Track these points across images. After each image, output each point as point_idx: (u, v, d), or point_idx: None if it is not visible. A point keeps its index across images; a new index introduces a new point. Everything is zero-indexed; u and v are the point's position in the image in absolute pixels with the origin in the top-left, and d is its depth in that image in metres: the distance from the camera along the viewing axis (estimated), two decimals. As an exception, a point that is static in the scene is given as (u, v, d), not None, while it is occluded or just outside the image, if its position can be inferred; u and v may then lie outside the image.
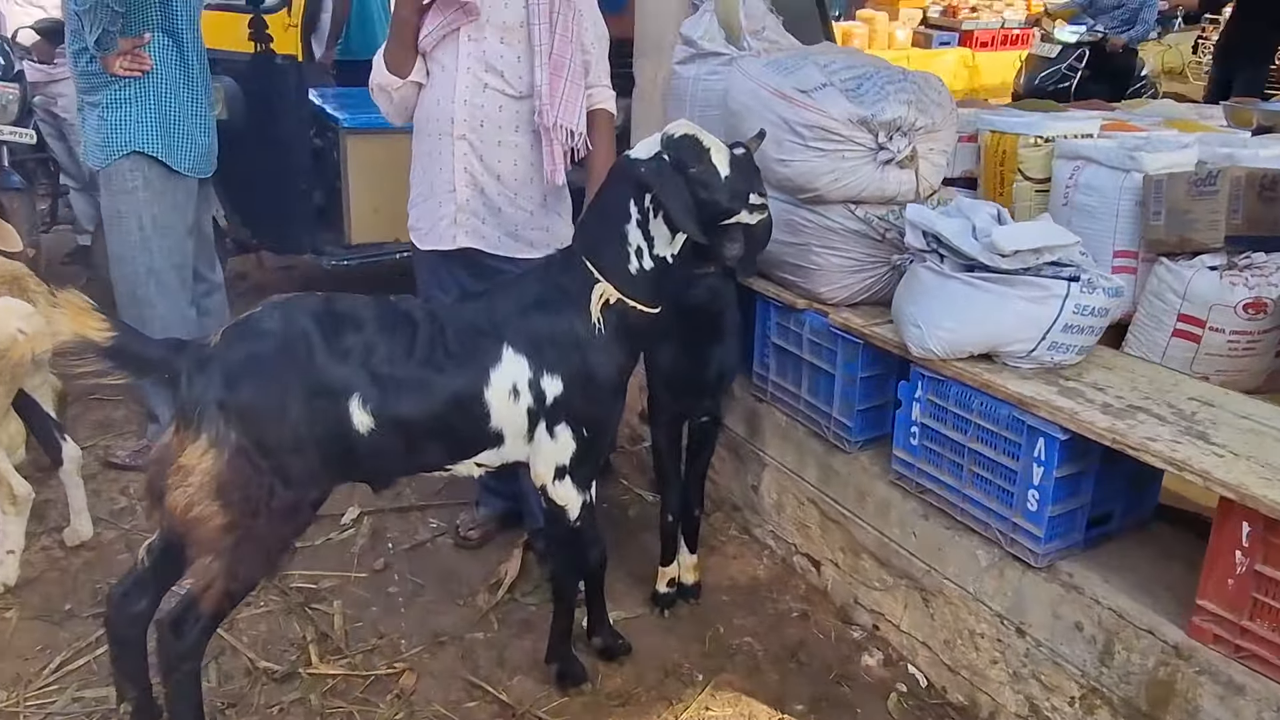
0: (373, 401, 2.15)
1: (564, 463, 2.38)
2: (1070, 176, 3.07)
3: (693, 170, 2.25)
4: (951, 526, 2.59)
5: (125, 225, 3.32)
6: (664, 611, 3.00)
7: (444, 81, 2.72)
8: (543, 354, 2.28)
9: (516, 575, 3.14)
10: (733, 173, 2.30)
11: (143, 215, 3.31)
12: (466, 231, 2.81)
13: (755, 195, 2.33)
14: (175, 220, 3.39)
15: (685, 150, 2.26)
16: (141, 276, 3.36)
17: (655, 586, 3.03)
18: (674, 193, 2.21)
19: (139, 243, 3.33)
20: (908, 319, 2.59)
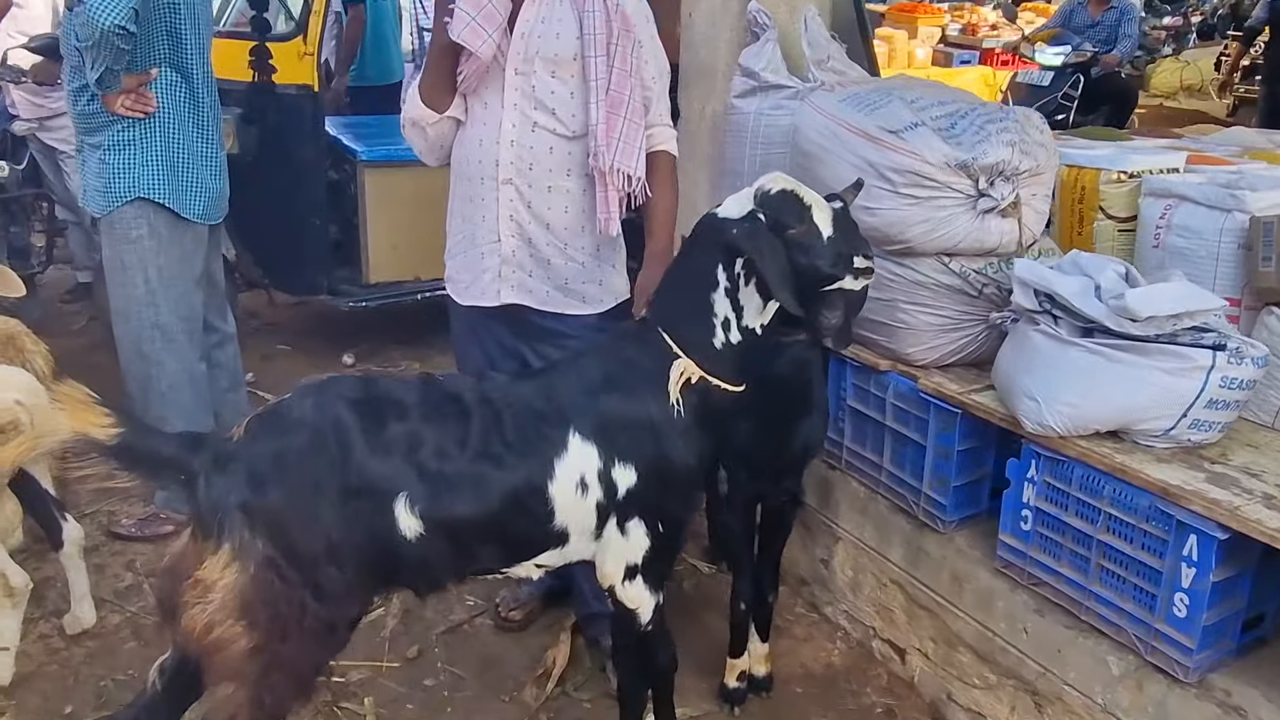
0: (421, 502, 1.85)
1: (636, 562, 2.08)
2: (1162, 216, 2.77)
3: (792, 231, 1.96)
4: (1074, 626, 2.28)
5: (129, 278, 3.02)
6: (734, 708, 2.69)
7: (487, 119, 2.41)
8: (614, 441, 1.98)
9: (566, 664, 2.82)
10: (836, 233, 2.00)
11: (149, 267, 3.01)
12: (512, 286, 2.50)
13: (860, 258, 2.03)
14: (184, 271, 3.09)
15: (784, 208, 1.97)
16: (148, 332, 3.06)
17: (724, 680, 2.72)
18: (771, 258, 1.91)
19: (144, 296, 3.03)
20: (1020, 390, 2.28)
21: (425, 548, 1.87)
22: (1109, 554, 2.18)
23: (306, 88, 4.42)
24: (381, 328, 5.29)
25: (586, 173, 2.44)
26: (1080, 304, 2.21)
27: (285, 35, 4.42)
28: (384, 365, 5.01)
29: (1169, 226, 2.74)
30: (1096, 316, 2.19)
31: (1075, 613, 2.28)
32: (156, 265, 3.02)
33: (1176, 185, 2.75)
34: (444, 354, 5.18)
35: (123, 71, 2.85)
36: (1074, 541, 2.26)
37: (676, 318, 2.02)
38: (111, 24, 2.66)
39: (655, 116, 2.52)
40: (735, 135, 3.14)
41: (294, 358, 5.15)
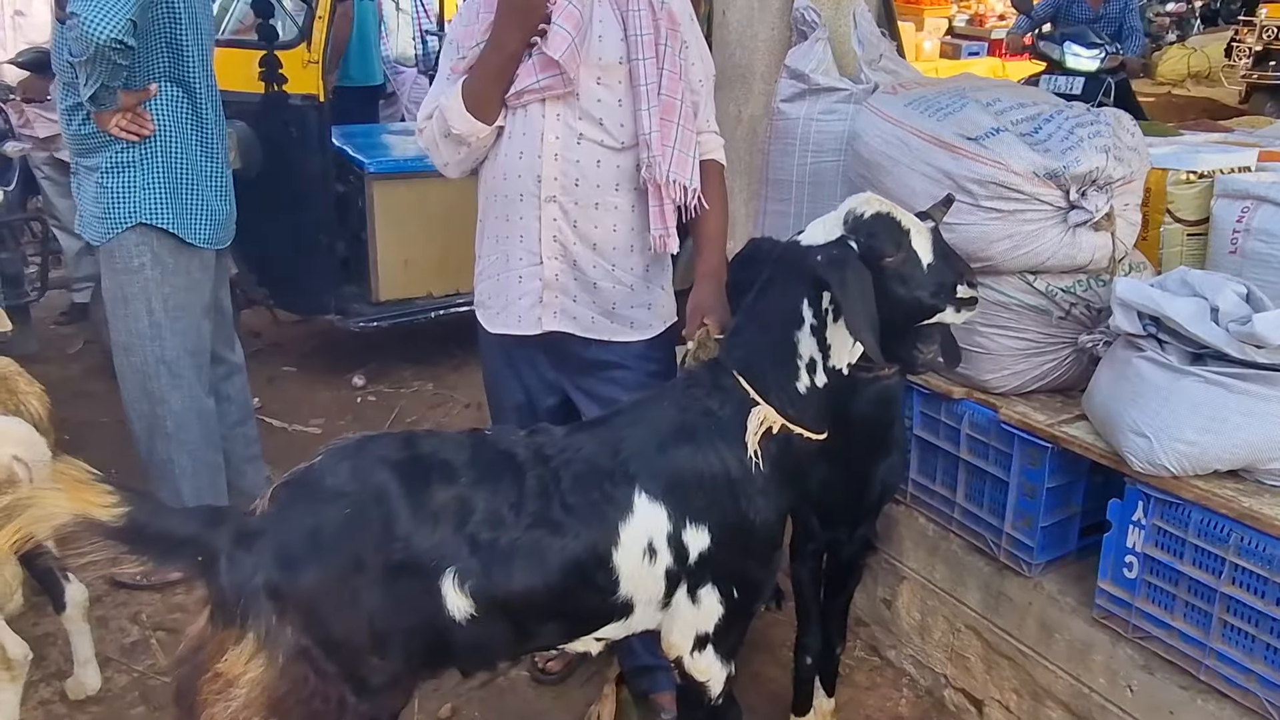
0: (472, 578, 1.63)
1: (707, 631, 1.85)
2: (1240, 219, 2.54)
3: (889, 260, 1.72)
4: (1190, 686, 2.05)
5: (132, 309, 2.78)
6: None
7: (527, 130, 2.16)
8: (686, 500, 1.75)
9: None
10: (937, 260, 1.77)
11: (152, 298, 2.77)
12: (555, 313, 2.25)
13: (964, 286, 1.80)
14: (191, 301, 2.85)
15: (879, 233, 1.73)
16: (153, 368, 2.81)
17: None
18: (857, 292, 1.68)
19: (149, 330, 2.79)
20: (1126, 424, 2.05)
21: (477, 629, 1.65)
22: (1235, 609, 1.95)
23: (312, 97, 4.18)
24: (392, 347, 5.04)
25: (636, 186, 2.20)
26: (1194, 328, 1.98)
27: (289, 43, 4.17)
28: (395, 387, 4.77)
29: (1248, 231, 2.51)
30: (1214, 342, 1.96)
31: (1192, 672, 2.05)
32: (161, 296, 2.77)
33: (1254, 186, 2.52)
34: (458, 373, 4.95)
35: (120, 88, 2.60)
36: (1191, 593, 2.03)
37: (754, 359, 1.79)
38: (108, 38, 2.41)
39: (703, 122, 2.29)
40: (782, 142, 2.90)
41: (300, 380, 4.91)
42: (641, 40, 2.12)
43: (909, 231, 1.75)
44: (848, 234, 1.74)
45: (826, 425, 1.85)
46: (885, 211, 1.75)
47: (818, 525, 2.27)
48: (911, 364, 1.86)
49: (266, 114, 4.07)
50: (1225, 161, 2.82)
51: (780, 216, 2.98)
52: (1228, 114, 8.75)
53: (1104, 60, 6.76)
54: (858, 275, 1.69)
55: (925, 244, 1.77)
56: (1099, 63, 6.75)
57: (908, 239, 1.74)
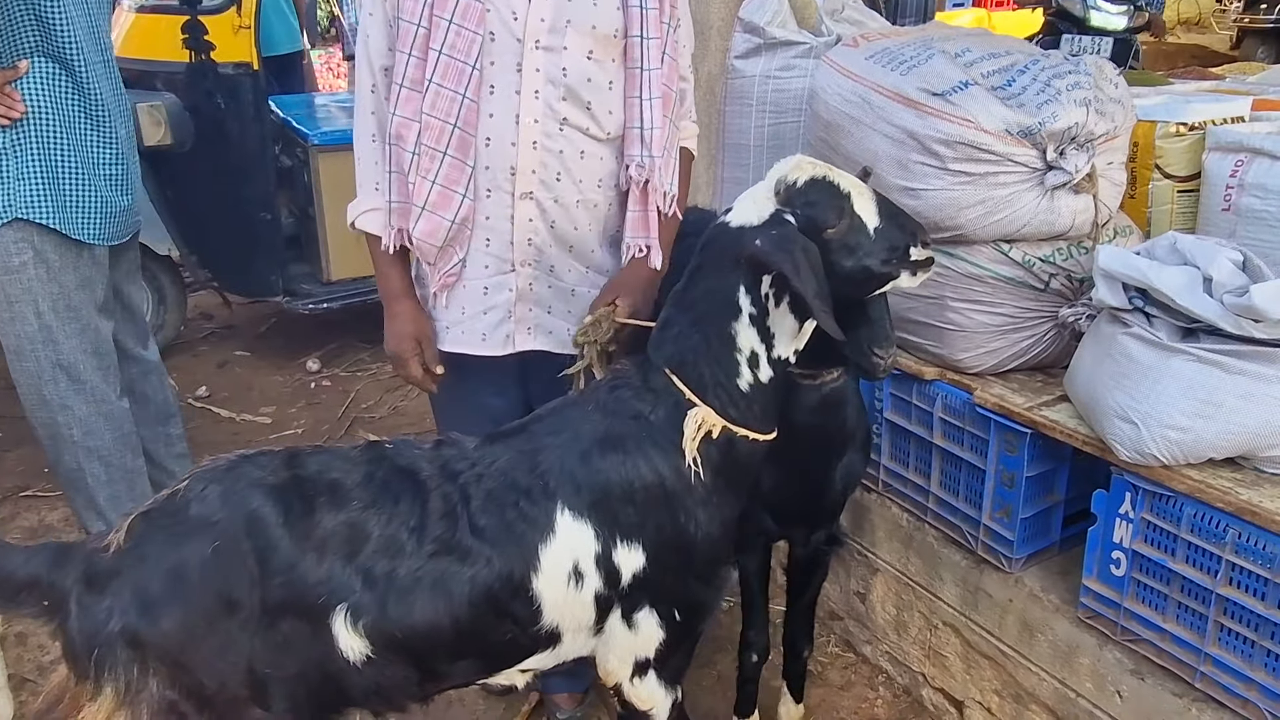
0: (367, 615, 1.43)
1: (647, 656, 1.66)
2: (1232, 174, 2.33)
3: (831, 230, 1.51)
4: (1185, 694, 1.87)
5: (18, 313, 2.51)
6: None
7: (497, 111, 1.79)
8: (615, 516, 1.55)
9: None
10: (884, 223, 1.56)
11: (39, 299, 2.50)
12: (530, 328, 1.95)
13: (918, 248, 1.59)
14: (83, 300, 2.57)
15: (817, 202, 1.51)
16: (48, 374, 2.56)
17: None
18: (808, 272, 1.46)
19: (39, 334, 2.53)
20: (1111, 409, 1.85)
21: (375, 672, 1.46)
22: (1234, 612, 1.76)
23: (245, 65, 3.92)
24: (348, 328, 4.82)
25: (616, 184, 1.94)
26: (1186, 301, 1.77)
27: (216, 8, 3.90)
28: (351, 370, 4.55)
29: (1242, 186, 2.30)
30: (1208, 316, 1.75)
31: (1187, 678, 1.87)
32: (49, 296, 2.51)
33: (1249, 138, 2.30)
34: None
35: None
36: (1185, 593, 1.84)
37: (688, 355, 1.57)
38: None
39: (686, 109, 2.05)
40: (738, 102, 2.68)
41: (253, 364, 4.69)
42: (646, 15, 1.82)
43: (849, 195, 1.53)
44: (782, 207, 1.52)
45: (775, 423, 1.64)
46: (821, 175, 1.53)
47: (769, 520, 2.06)
48: (871, 371, 1.64)
49: (193, 85, 3.81)
50: (1218, 112, 2.60)
51: (738, 184, 2.75)
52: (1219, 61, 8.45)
53: (1132, 18, 6.16)
54: (807, 255, 1.47)
55: (869, 206, 1.55)
56: (1127, 20, 6.15)
57: (849, 203, 1.52)
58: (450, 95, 1.74)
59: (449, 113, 1.74)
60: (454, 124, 1.75)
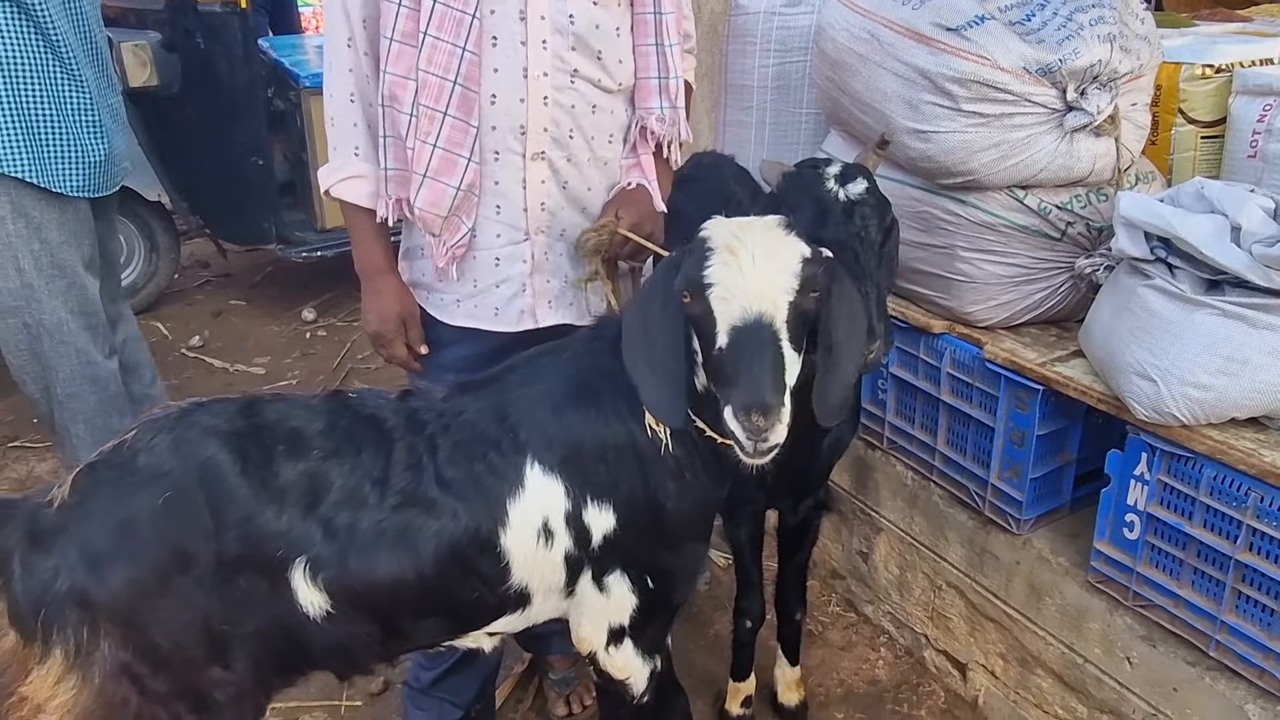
0: (327, 569, 1.36)
1: (621, 623, 1.59)
2: (1260, 119, 2.22)
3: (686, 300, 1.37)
4: (1198, 662, 1.79)
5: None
6: None
7: (502, 66, 1.62)
8: (587, 474, 1.46)
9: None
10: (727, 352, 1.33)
11: (20, 255, 2.40)
12: (549, 301, 1.78)
13: (730, 411, 1.29)
14: (67, 255, 2.48)
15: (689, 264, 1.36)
16: (33, 331, 2.48)
17: (725, 706, 2.27)
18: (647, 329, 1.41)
19: (20, 290, 2.43)
20: (1129, 365, 1.75)
21: (336, 629, 1.39)
22: (1255, 580, 1.68)
23: (232, 4, 3.77)
24: (344, 277, 4.70)
25: (624, 139, 1.79)
26: (1212, 251, 1.67)
27: (202, -59, 3.75)
28: (349, 320, 4.47)
29: (1269, 131, 2.20)
30: (1234, 267, 1.65)
31: (1200, 646, 1.79)
32: (30, 253, 2.41)
33: (1278, 80, 2.18)
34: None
35: None
36: (1201, 559, 1.75)
37: None
38: None
39: (690, 45, 1.91)
40: (741, 41, 2.55)
41: (248, 314, 4.61)
42: None
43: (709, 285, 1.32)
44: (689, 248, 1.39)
45: None
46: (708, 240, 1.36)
47: (758, 494, 1.98)
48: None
49: (174, 24, 3.68)
50: (1245, 54, 2.46)
51: (742, 127, 2.63)
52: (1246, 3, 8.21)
53: None
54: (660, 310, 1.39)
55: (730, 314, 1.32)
56: None
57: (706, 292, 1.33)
58: (449, 48, 1.57)
59: (448, 68, 1.58)
60: (454, 80, 1.58)
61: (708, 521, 1.66)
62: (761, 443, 1.26)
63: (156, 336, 4.26)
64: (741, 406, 1.26)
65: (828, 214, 1.58)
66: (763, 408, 1.24)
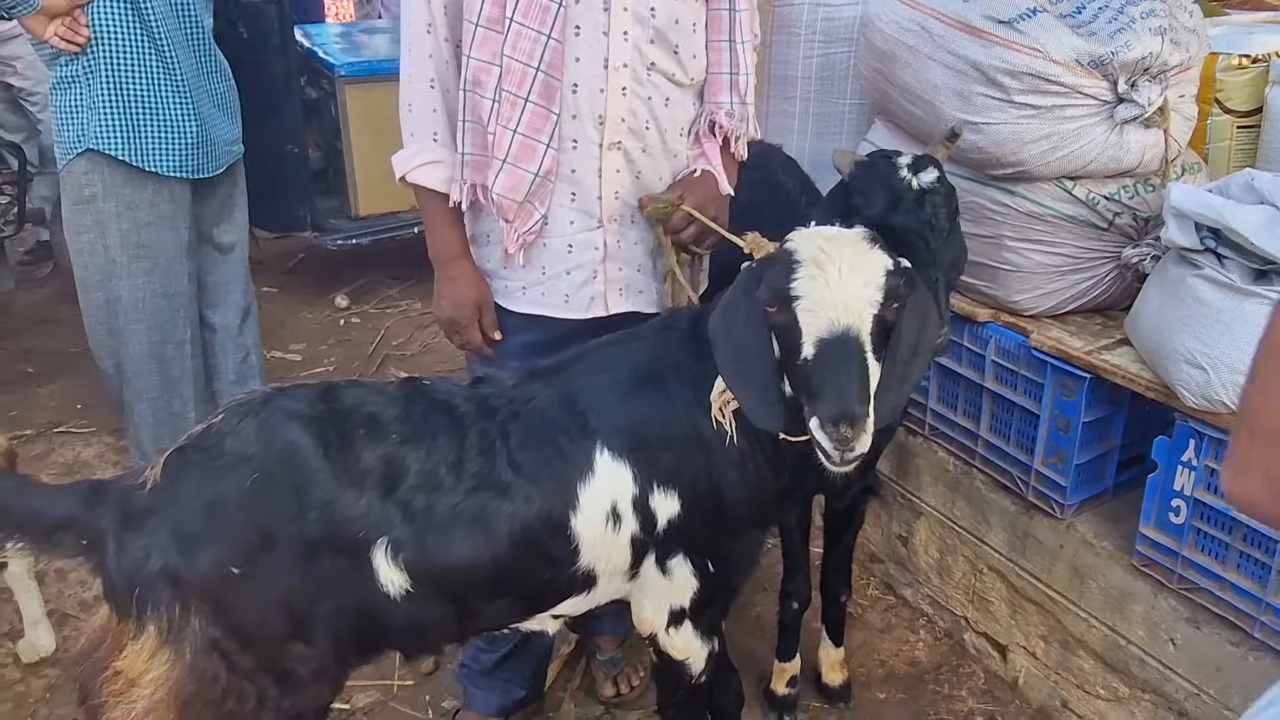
0: (407, 549, 1.41)
1: (682, 605, 1.64)
2: (1297, 109, 2.24)
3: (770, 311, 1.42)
4: (1241, 643, 1.84)
5: (85, 244, 2.48)
6: (784, 718, 2.30)
7: (583, 55, 1.65)
8: (653, 460, 1.51)
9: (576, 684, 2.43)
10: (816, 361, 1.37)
11: (108, 232, 2.46)
12: (621, 289, 1.80)
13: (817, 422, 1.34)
14: (160, 238, 2.53)
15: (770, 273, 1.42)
16: (111, 307, 2.54)
17: (771, 686, 2.32)
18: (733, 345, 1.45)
19: (104, 266, 2.49)
20: (1178, 353, 1.79)
21: (415, 608, 1.44)
22: (1301, 563, 1.72)
23: (270, -7, 3.82)
24: (377, 264, 4.77)
25: (693, 132, 1.82)
26: (1264, 242, 1.70)
27: (239, -69, 3.79)
28: (381, 307, 4.52)
29: (1308, 123, 2.22)
30: (1288, 259, 1.68)
31: (1245, 628, 1.83)
32: (119, 232, 2.46)
33: (1317, 71, 2.21)
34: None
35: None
36: (1248, 543, 1.80)
37: None
38: None
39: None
40: (786, 32, 2.58)
41: (282, 301, 4.66)
42: None
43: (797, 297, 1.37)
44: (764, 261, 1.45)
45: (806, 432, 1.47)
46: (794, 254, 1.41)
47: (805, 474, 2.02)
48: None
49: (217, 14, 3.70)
50: (1282, 43, 2.49)
51: (785, 117, 2.66)
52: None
53: None
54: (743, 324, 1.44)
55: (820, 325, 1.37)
56: None
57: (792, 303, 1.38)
58: (533, 35, 1.59)
59: (532, 55, 1.60)
60: (537, 67, 1.61)
61: (767, 510, 1.70)
62: (848, 452, 1.30)
63: (192, 323, 4.32)
64: (830, 418, 1.30)
65: (900, 201, 1.63)
66: (850, 419, 1.29)
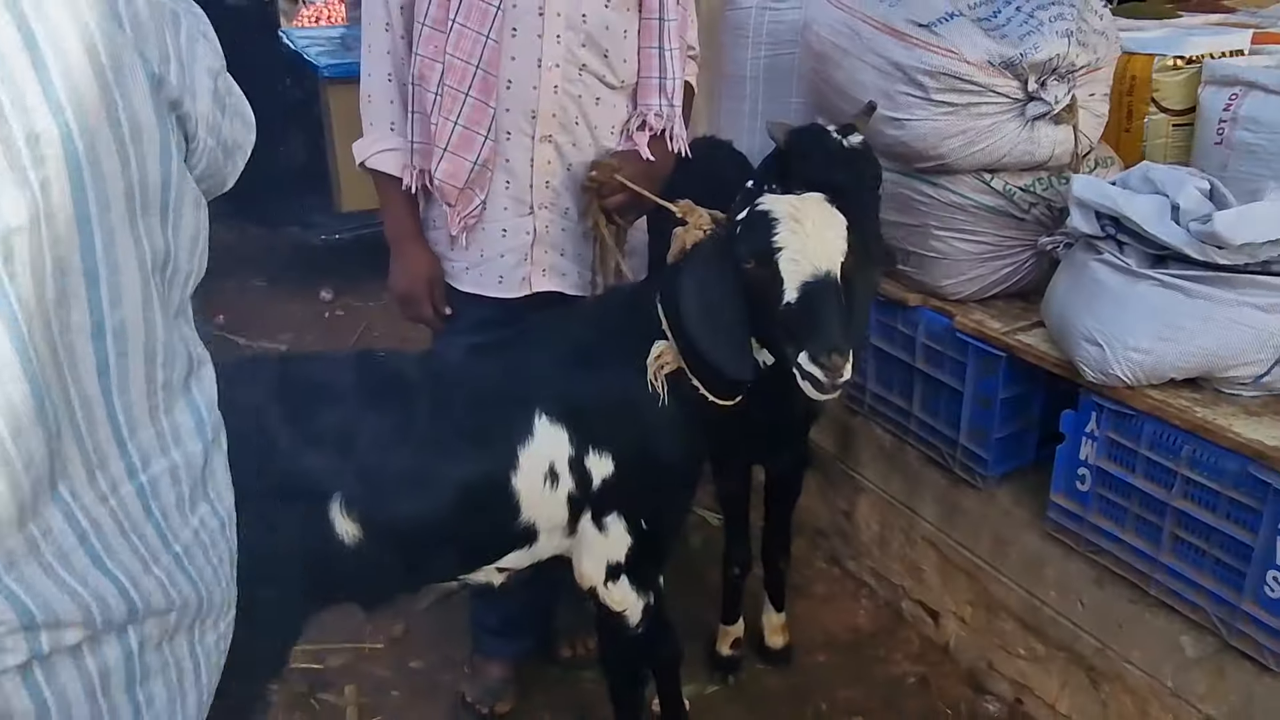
0: (360, 503, 1.55)
1: (619, 560, 1.78)
2: (1226, 107, 2.39)
3: (747, 266, 1.57)
4: (1139, 600, 1.99)
5: None
6: (728, 678, 2.45)
7: (518, 54, 1.82)
8: (588, 425, 1.66)
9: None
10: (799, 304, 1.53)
11: None
12: (544, 270, 1.98)
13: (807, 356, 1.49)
14: None
15: (749, 235, 1.58)
16: None
17: (716, 647, 2.47)
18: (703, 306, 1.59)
19: None
20: (1079, 332, 1.94)
21: (367, 556, 1.58)
22: (1186, 523, 1.87)
23: (256, -5, 3.97)
24: (361, 259, 4.91)
25: (624, 132, 1.98)
26: (1154, 228, 1.85)
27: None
28: (364, 300, 4.67)
29: (1235, 119, 2.36)
30: (1174, 243, 1.83)
31: (1142, 586, 1.98)
32: None
33: (1244, 71, 2.35)
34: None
35: None
36: (1143, 507, 1.94)
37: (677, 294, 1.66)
38: None
39: (687, 44, 2.09)
40: (735, 35, 2.73)
41: (270, 294, 4.81)
42: None
43: (780, 249, 1.53)
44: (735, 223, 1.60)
45: (738, 394, 1.70)
46: (768, 212, 1.57)
47: (739, 443, 2.17)
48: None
49: (204, 13, 3.87)
50: (1216, 45, 2.64)
51: (735, 115, 2.82)
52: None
53: None
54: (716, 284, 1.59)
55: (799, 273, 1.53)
56: None
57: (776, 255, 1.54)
58: (473, 36, 1.76)
59: (471, 53, 1.77)
60: (476, 65, 1.78)
61: (695, 472, 1.85)
62: (838, 379, 1.46)
63: (181, 315, 4.47)
64: (822, 350, 1.46)
65: (833, 161, 1.79)
66: (840, 350, 1.46)
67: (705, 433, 1.76)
